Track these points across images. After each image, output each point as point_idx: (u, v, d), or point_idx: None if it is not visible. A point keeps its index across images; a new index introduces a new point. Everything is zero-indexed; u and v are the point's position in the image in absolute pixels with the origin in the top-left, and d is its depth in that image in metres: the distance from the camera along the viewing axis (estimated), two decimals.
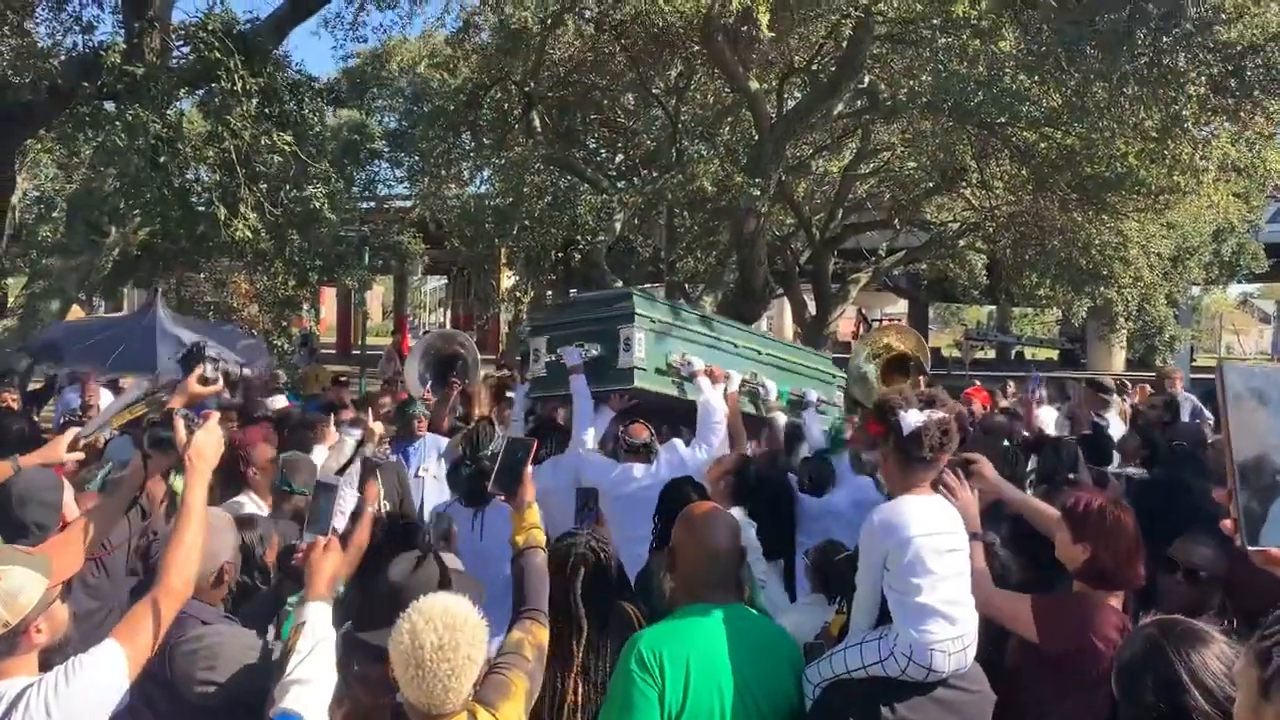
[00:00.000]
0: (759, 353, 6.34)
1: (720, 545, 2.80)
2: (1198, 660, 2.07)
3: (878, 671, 2.68)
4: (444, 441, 6.51)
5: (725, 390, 5.61)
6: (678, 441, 5.43)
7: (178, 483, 3.34)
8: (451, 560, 3.46)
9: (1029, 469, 5.46)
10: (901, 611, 2.67)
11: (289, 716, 2.27)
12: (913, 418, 2.73)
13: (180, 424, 2.75)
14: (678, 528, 2.91)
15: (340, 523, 4.66)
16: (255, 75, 10.16)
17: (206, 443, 2.69)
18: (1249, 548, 1.12)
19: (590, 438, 5.24)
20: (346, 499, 4.65)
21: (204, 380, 3.17)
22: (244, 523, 3.55)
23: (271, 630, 3.29)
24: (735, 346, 6.13)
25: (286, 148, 10.11)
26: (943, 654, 2.64)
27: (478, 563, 3.93)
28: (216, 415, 2.80)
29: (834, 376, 7.21)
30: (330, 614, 2.54)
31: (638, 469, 5.06)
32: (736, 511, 4.24)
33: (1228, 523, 1.15)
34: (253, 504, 4.54)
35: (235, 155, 10.19)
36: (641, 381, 5.44)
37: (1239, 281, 28.55)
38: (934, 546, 2.69)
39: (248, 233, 10.17)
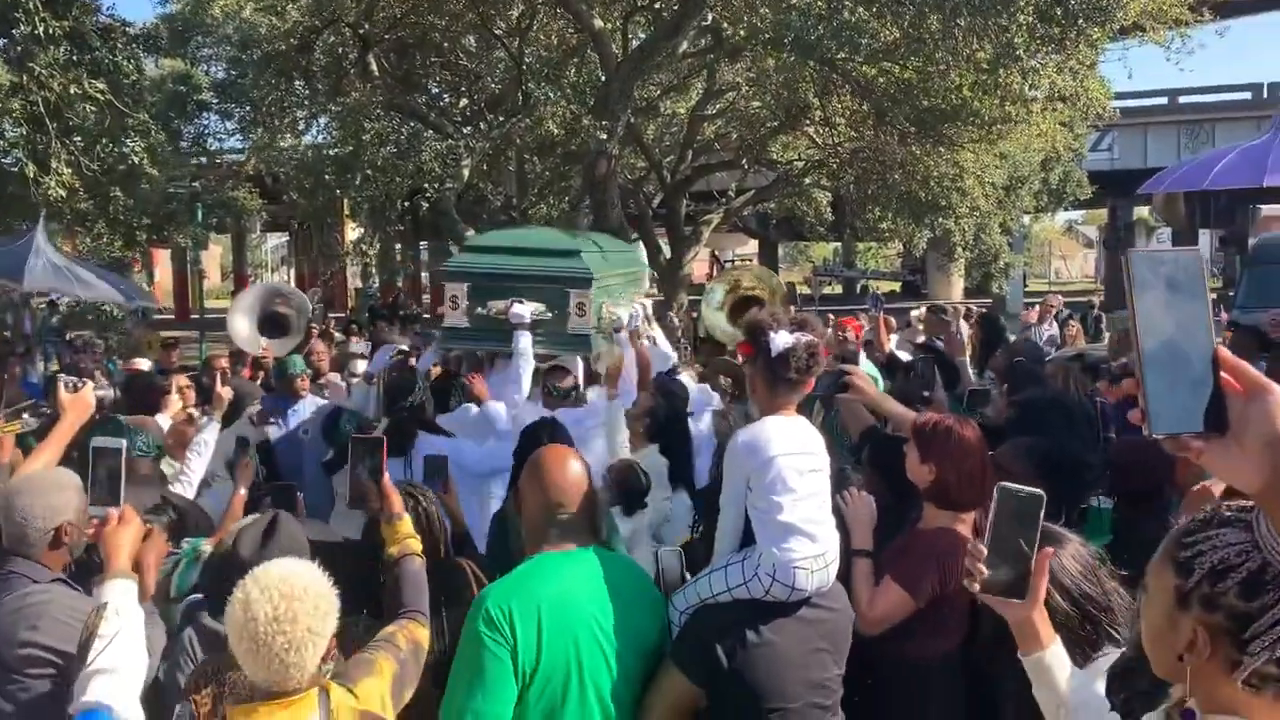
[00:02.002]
0: (625, 275, 6.23)
1: (567, 489, 2.63)
2: (1055, 562, 2.13)
3: (742, 594, 2.67)
4: (324, 402, 6.28)
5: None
6: (594, 388, 5.35)
7: None
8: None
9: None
10: (764, 530, 2.66)
11: (98, 713, 2.02)
12: (782, 339, 2.72)
13: None
14: (524, 473, 2.75)
15: (189, 491, 4.47)
16: (59, 19, 9.37)
17: None
18: (1154, 435, 1.10)
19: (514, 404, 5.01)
20: (194, 468, 4.57)
21: (73, 389, 3.25)
22: None
23: None
24: (621, 279, 5.99)
25: (100, 96, 9.41)
26: (805, 572, 2.64)
27: None
28: None
29: (643, 265, 7.21)
30: (136, 591, 2.31)
31: (580, 411, 4.95)
32: (652, 449, 4.38)
33: (1135, 413, 1.13)
34: None
35: (44, 107, 9.43)
36: (596, 347, 5.25)
37: (1066, 209, 30.11)
38: (796, 466, 2.69)
39: (61, 191, 9.47)
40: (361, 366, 7.91)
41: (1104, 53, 12.87)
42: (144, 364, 8.35)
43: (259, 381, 7.20)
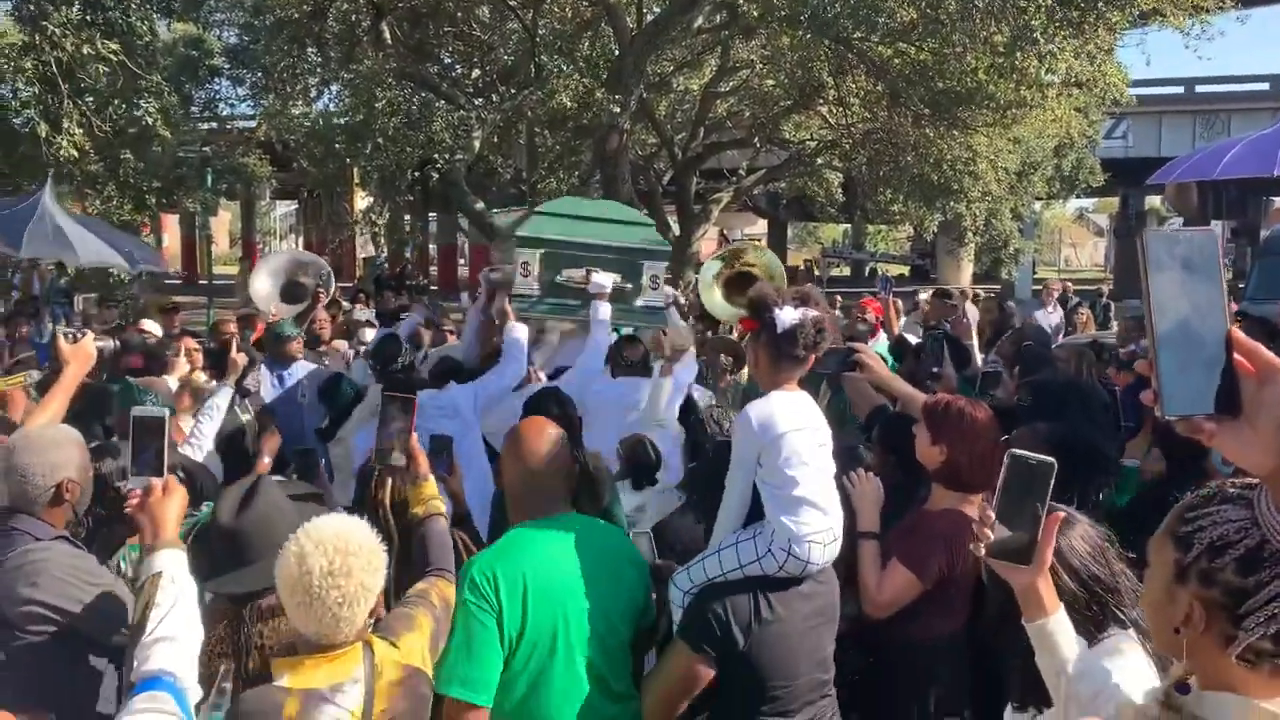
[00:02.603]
0: None
1: (544, 457, 2.66)
2: (1064, 543, 2.12)
3: (755, 570, 2.65)
4: (314, 366, 6.29)
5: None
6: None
7: None
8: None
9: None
10: (777, 505, 2.65)
11: (162, 680, 1.98)
12: (788, 315, 2.67)
13: None
14: (503, 445, 2.77)
15: (198, 454, 4.47)
16: None
17: None
18: (1167, 417, 1.10)
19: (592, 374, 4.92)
20: (205, 431, 4.51)
21: (74, 339, 3.36)
22: (104, 451, 3.31)
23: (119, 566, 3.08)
24: None
25: (112, 57, 9.37)
26: (819, 546, 2.64)
27: None
28: None
29: None
30: (186, 560, 2.29)
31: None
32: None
33: (1148, 394, 1.12)
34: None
35: (56, 67, 9.41)
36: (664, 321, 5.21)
37: (1077, 196, 29.93)
38: (806, 441, 2.69)
39: (73, 151, 9.46)
40: (370, 335, 7.93)
41: (1122, 38, 12.78)
42: (153, 327, 8.34)
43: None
